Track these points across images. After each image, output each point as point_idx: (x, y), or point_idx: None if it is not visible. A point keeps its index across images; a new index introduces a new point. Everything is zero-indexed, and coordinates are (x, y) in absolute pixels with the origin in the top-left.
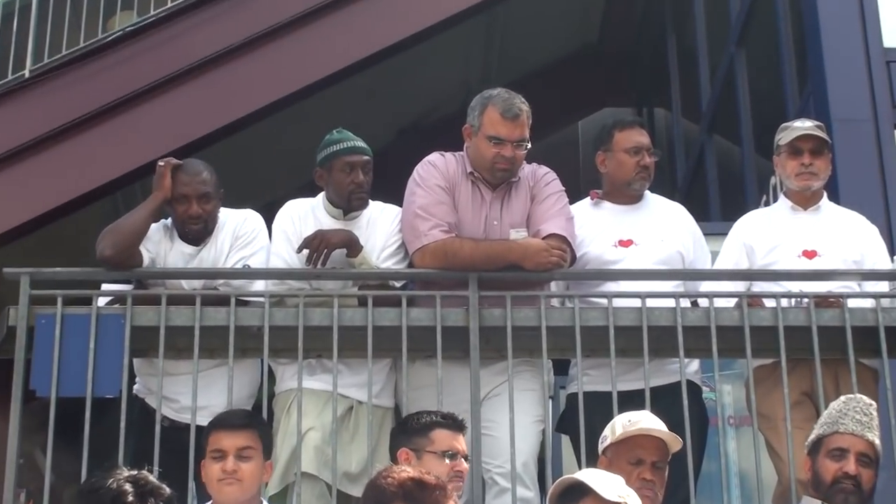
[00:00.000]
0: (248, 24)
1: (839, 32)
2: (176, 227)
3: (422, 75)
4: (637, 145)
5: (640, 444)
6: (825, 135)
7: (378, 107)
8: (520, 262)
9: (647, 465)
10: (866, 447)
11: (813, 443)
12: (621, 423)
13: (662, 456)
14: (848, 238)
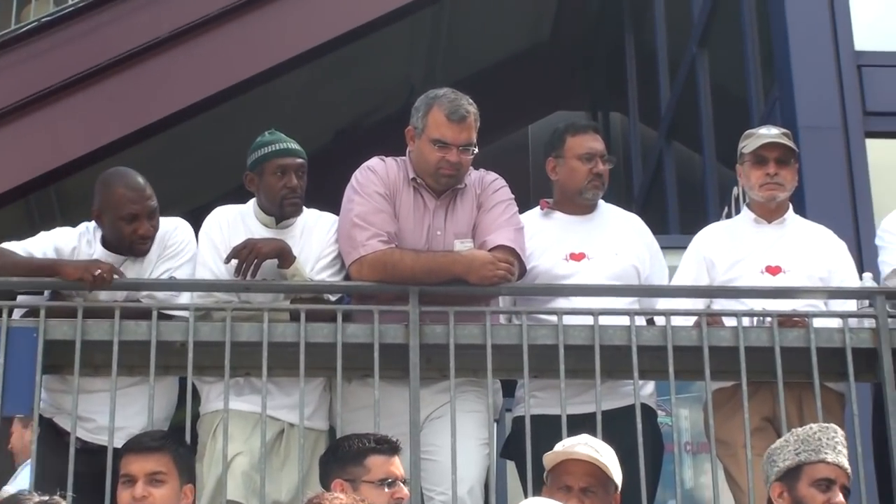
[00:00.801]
0: (173, 17)
1: (808, 33)
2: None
3: (362, 73)
4: (590, 151)
5: (568, 470)
6: (792, 143)
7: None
8: (464, 276)
9: (575, 491)
10: (846, 480)
11: (789, 469)
12: (556, 448)
13: (595, 481)
14: (814, 253)
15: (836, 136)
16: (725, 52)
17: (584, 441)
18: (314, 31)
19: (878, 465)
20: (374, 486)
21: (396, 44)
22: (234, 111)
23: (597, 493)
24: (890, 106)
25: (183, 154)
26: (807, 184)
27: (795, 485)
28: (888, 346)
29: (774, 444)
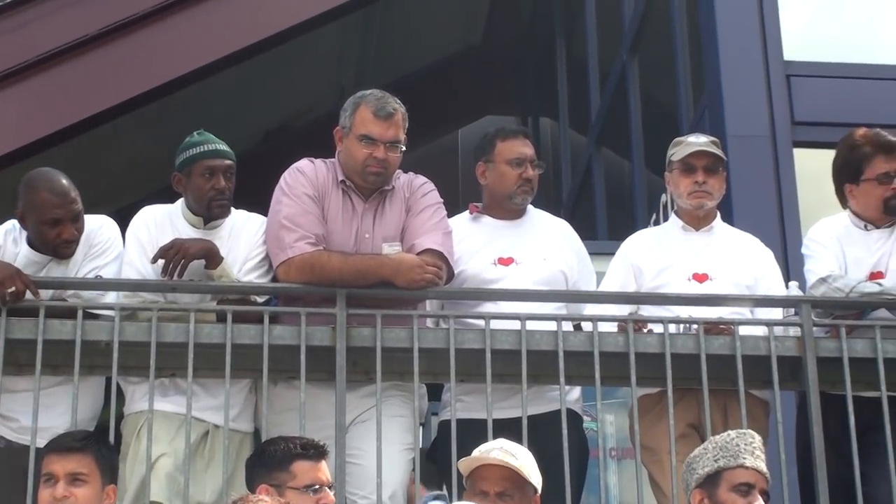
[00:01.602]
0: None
1: (738, 43)
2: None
3: (292, 75)
4: (520, 157)
5: (483, 476)
6: (720, 152)
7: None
8: (392, 279)
9: (491, 496)
10: (765, 484)
11: (709, 475)
12: (474, 452)
13: (510, 485)
14: (741, 261)
15: (765, 144)
16: (656, 60)
17: (499, 446)
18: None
19: (802, 472)
20: (299, 492)
21: (327, 46)
22: (164, 110)
23: (513, 496)
24: (818, 116)
25: (111, 152)
26: (735, 192)
27: (715, 491)
28: (813, 354)
29: (694, 452)
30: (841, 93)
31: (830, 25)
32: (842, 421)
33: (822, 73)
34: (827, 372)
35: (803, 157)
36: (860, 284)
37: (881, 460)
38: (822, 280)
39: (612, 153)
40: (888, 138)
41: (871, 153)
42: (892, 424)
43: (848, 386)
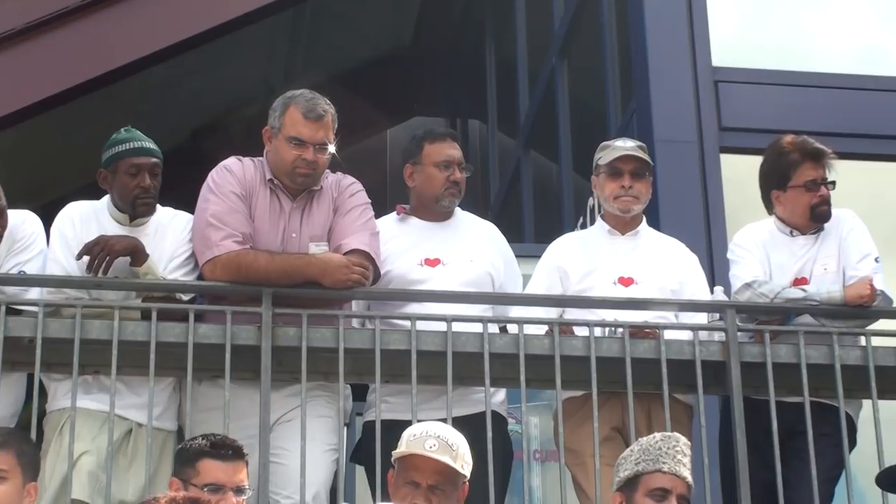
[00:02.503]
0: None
1: (666, 48)
2: None
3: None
4: (448, 159)
5: (416, 466)
6: (647, 156)
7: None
8: (318, 279)
9: (422, 489)
10: (685, 489)
11: (629, 479)
12: (407, 436)
13: (443, 479)
14: (666, 266)
15: (692, 150)
16: (585, 64)
17: (436, 434)
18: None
19: (724, 477)
20: (199, 490)
21: (256, 44)
22: (90, 106)
23: (445, 490)
24: (745, 122)
25: (37, 147)
26: (661, 197)
27: (633, 495)
28: (737, 359)
29: (624, 452)
30: (768, 99)
31: (759, 32)
32: (765, 426)
33: (749, 80)
34: (750, 377)
35: (730, 163)
36: (784, 290)
37: (803, 465)
38: (746, 285)
39: (541, 156)
40: (816, 146)
41: (799, 160)
42: (814, 430)
43: (771, 391)
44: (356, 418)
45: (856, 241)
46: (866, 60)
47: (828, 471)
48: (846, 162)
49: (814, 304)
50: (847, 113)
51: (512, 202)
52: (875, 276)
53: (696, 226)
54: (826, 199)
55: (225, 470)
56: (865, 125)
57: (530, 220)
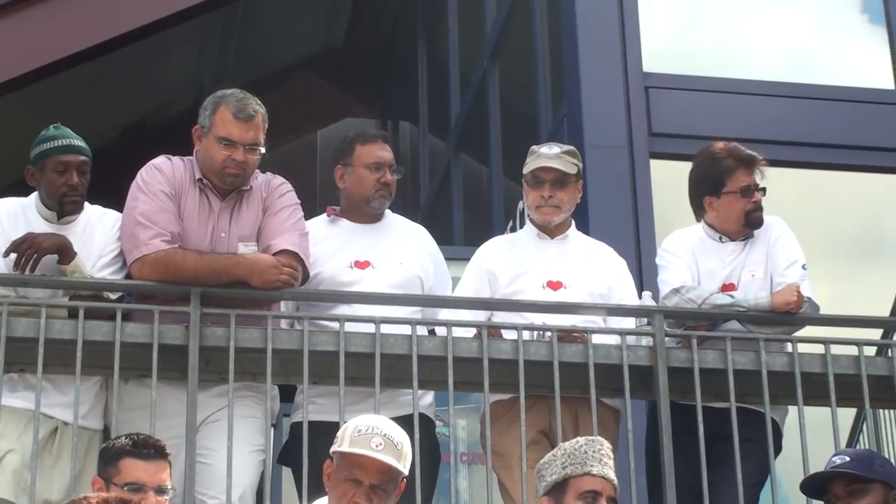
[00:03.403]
0: None
1: (598, 53)
2: None
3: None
4: (379, 161)
5: (361, 463)
6: (572, 164)
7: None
8: (247, 279)
9: (364, 488)
10: (613, 491)
11: (557, 482)
12: (351, 430)
13: (385, 478)
14: (595, 270)
15: (622, 155)
16: (516, 67)
17: (381, 432)
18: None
19: (651, 481)
20: (120, 489)
21: (187, 42)
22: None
23: (387, 489)
24: (675, 128)
25: None
26: (591, 201)
27: (562, 498)
28: (664, 364)
29: (544, 458)
30: (699, 106)
31: (690, 38)
32: (691, 430)
33: (680, 86)
34: (678, 382)
35: (660, 169)
36: (712, 296)
37: (728, 470)
38: (675, 291)
39: (471, 159)
40: (749, 152)
41: (733, 166)
42: (740, 435)
43: (698, 396)
44: (283, 419)
45: (784, 248)
46: (797, 68)
47: (753, 476)
48: (776, 169)
49: (741, 310)
50: (777, 120)
51: (442, 205)
52: (802, 283)
53: (626, 231)
54: (760, 205)
55: (146, 469)
56: (796, 133)
57: (460, 222)
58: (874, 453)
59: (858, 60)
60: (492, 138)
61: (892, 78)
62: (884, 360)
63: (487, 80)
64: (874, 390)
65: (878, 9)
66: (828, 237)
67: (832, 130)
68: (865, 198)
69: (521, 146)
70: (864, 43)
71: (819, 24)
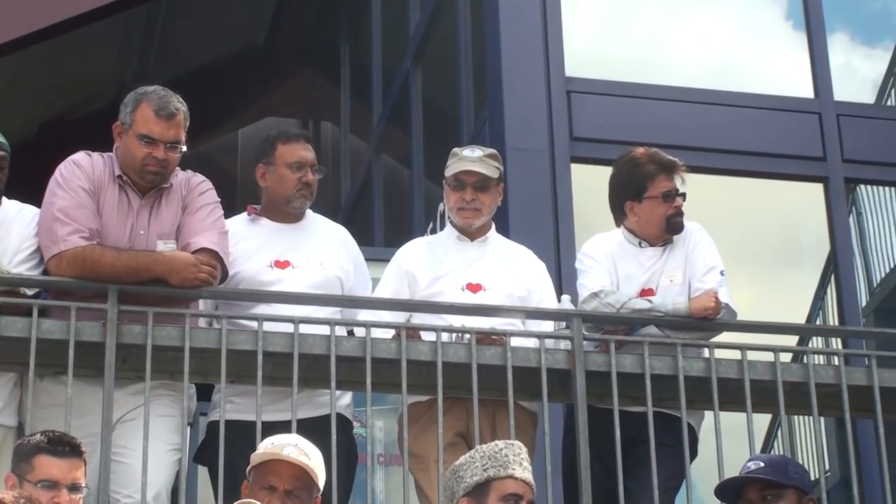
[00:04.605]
0: None
1: (520, 58)
2: None
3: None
4: (300, 160)
5: (274, 470)
6: (493, 167)
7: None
8: (165, 277)
9: (279, 493)
10: (532, 494)
11: (478, 484)
12: (266, 444)
13: (300, 484)
14: (514, 273)
15: (543, 158)
16: (439, 70)
17: (293, 442)
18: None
19: (567, 485)
20: (34, 486)
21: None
22: None
23: (300, 496)
24: (596, 133)
25: None
26: (511, 204)
27: (484, 500)
28: (582, 368)
29: (459, 460)
30: (620, 111)
31: (612, 44)
32: (608, 434)
33: (601, 91)
34: (595, 385)
35: (580, 173)
36: (631, 301)
37: (644, 474)
38: (593, 295)
39: (392, 160)
40: (670, 158)
41: (655, 171)
42: (656, 440)
43: (615, 400)
44: (200, 418)
45: (702, 254)
46: (719, 75)
47: (669, 480)
48: (697, 175)
49: (659, 315)
50: (699, 127)
51: (363, 205)
52: (720, 289)
53: (545, 234)
54: (680, 211)
55: (60, 467)
56: (717, 140)
57: (381, 223)
58: (788, 459)
59: (780, 69)
60: (413, 140)
61: (812, 87)
62: (799, 366)
63: (410, 82)
64: (789, 396)
65: (801, 17)
66: (747, 244)
67: (753, 138)
68: (785, 205)
69: (443, 148)
70: (787, 51)
71: (743, 32)
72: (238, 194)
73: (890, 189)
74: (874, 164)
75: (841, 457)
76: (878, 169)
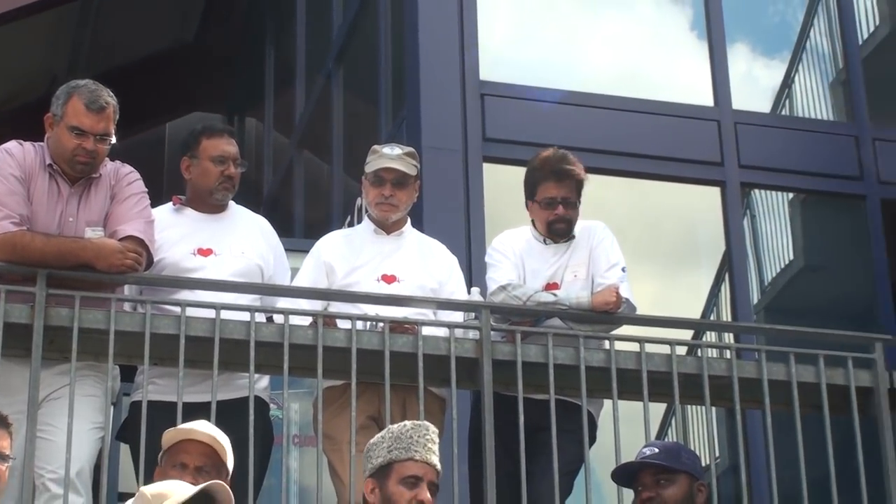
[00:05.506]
0: None
1: (437, 61)
2: None
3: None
4: (223, 154)
5: (185, 449)
6: (412, 165)
7: None
8: (93, 262)
9: (190, 469)
10: (435, 475)
11: (381, 466)
12: (175, 429)
13: (209, 462)
14: (427, 266)
15: (456, 158)
16: (360, 71)
17: (202, 426)
18: None
19: (472, 468)
20: None
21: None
22: None
23: (210, 473)
24: (507, 134)
25: None
26: (426, 200)
27: (386, 482)
28: (489, 356)
29: (373, 439)
30: (531, 114)
31: (524, 51)
32: (512, 420)
33: (513, 95)
34: (501, 374)
35: (492, 172)
36: (536, 294)
37: (546, 459)
38: (501, 288)
39: (313, 156)
40: (562, 166)
41: (543, 177)
42: (557, 426)
43: (520, 388)
44: (123, 398)
45: (605, 252)
46: (625, 83)
47: (569, 464)
48: (602, 177)
49: (563, 308)
50: (605, 131)
51: (284, 198)
52: (621, 285)
53: (458, 229)
54: (561, 218)
55: None
56: (621, 143)
57: (301, 216)
58: (681, 446)
59: (683, 78)
60: (334, 137)
61: (713, 96)
62: (693, 359)
63: (332, 82)
64: (683, 387)
65: (704, 28)
66: (648, 242)
67: (656, 143)
68: (684, 207)
69: (362, 146)
70: (690, 61)
71: (649, 42)
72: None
73: (782, 194)
74: (768, 169)
75: (730, 445)
76: (771, 174)
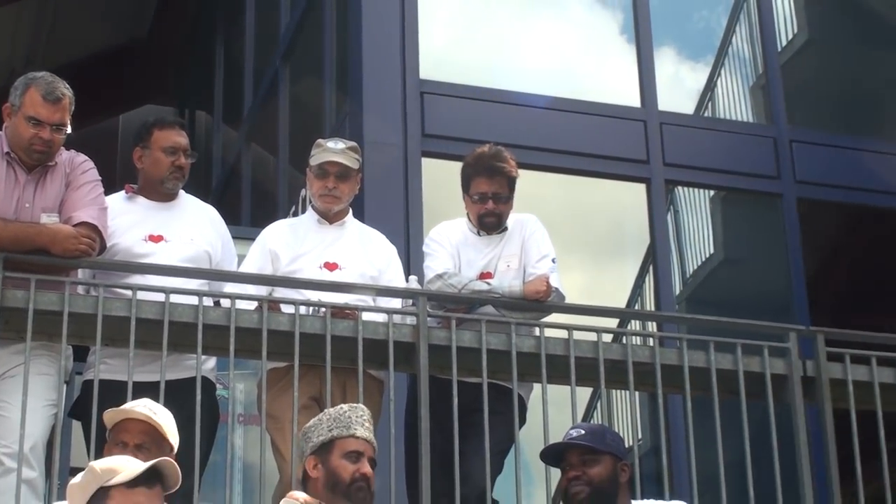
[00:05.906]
0: None
1: (380, 60)
2: None
3: None
4: (174, 145)
5: (125, 428)
6: (354, 159)
7: None
8: (48, 247)
9: (130, 447)
10: (373, 452)
11: (323, 443)
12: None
13: (149, 439)
14: (368, 254)
15: (397, 152)
16: (306, 67)
17: (142, 404)
18: None
19: (408, 447)
20: None
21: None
22: None
23: (150, 450)
24: (446, 130)
25: None
26: (367, 192)
27: (328, 457)
28: (426, 341)
29: (309, 422)
30: (469, 112)
31: (463, 51)
32: (447, 402)
33: (452, 93)
34: (437, 358)
35: (430, 166)
36: (471, 282)
37: (478, 440)
38: (438, 276)
39: (260, 149)
40: (494, 163)
41: (476, 173)
42: (489, 408)
43: (454, 371)
44: (76, 377)
45: (536, 243)
46: (558, 83)
47: (499, 444)
48: (534, 172)
49: (496, 296)
50: (538, 129)
51: (232, 188)
52: (551, 275)
53: (397, 220)
54: (491, 212)
55: None
56: (553, 141)
57: (248, 205)
58: (606, 428)
59: (613, 79)
60: (280, 131)
61: (640, 97)
62: (619, 346)
63: (279, 77)
64: (609, 372)
65: (632, 32)
66: (577, 235)
67: (586, 141)
68: (612, 202)
69: (307, 139)
70: (619, 63)
71: (581, 44)
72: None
73: (704, 191)
74: (692, 168)
75: (652, 428)
76: (694, 172)
